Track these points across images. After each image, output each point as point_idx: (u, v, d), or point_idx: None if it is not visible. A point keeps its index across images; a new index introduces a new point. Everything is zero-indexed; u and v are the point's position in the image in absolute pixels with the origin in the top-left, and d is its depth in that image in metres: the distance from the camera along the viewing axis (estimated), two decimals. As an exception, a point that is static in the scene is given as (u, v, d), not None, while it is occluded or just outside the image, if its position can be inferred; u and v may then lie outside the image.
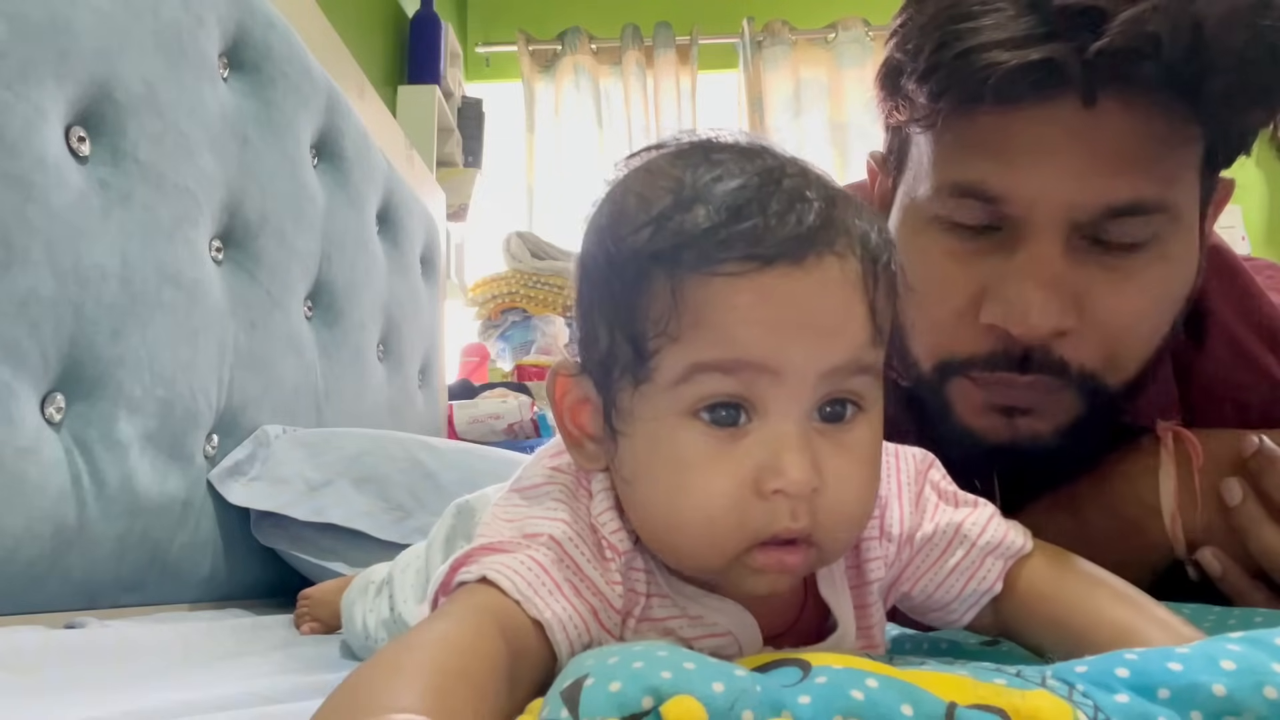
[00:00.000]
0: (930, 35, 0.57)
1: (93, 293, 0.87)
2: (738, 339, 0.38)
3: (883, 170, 0.72)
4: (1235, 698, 0.30)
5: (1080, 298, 0.59)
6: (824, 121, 3.24)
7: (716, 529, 0.39)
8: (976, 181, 0.59)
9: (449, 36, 2.94)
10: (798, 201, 0.39)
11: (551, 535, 0.41)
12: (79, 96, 0.88)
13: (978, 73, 0.54)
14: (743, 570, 0.40)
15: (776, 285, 0.38)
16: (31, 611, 0.82)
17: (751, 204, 0.38)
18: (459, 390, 2.31)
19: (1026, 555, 0.48)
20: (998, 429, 0.64)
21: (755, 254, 0.37)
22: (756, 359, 0.38)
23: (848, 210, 0.40)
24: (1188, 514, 0.64)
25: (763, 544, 0.39)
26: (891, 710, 0.30)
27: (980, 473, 0.66)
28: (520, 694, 0.36)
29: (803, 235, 0.38)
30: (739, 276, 0.38)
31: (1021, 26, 0.53)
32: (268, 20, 1.25)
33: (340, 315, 1.46)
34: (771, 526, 0.39)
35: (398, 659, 0.32)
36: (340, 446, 1.18)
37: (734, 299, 0.38)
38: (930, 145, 0.62)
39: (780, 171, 0.40)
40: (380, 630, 0.78)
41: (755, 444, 0.39)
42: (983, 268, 0.61)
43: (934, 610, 0.49)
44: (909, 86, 0.59)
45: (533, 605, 0.38)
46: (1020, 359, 0.61)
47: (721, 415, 0.39)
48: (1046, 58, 0.53)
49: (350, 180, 1.51)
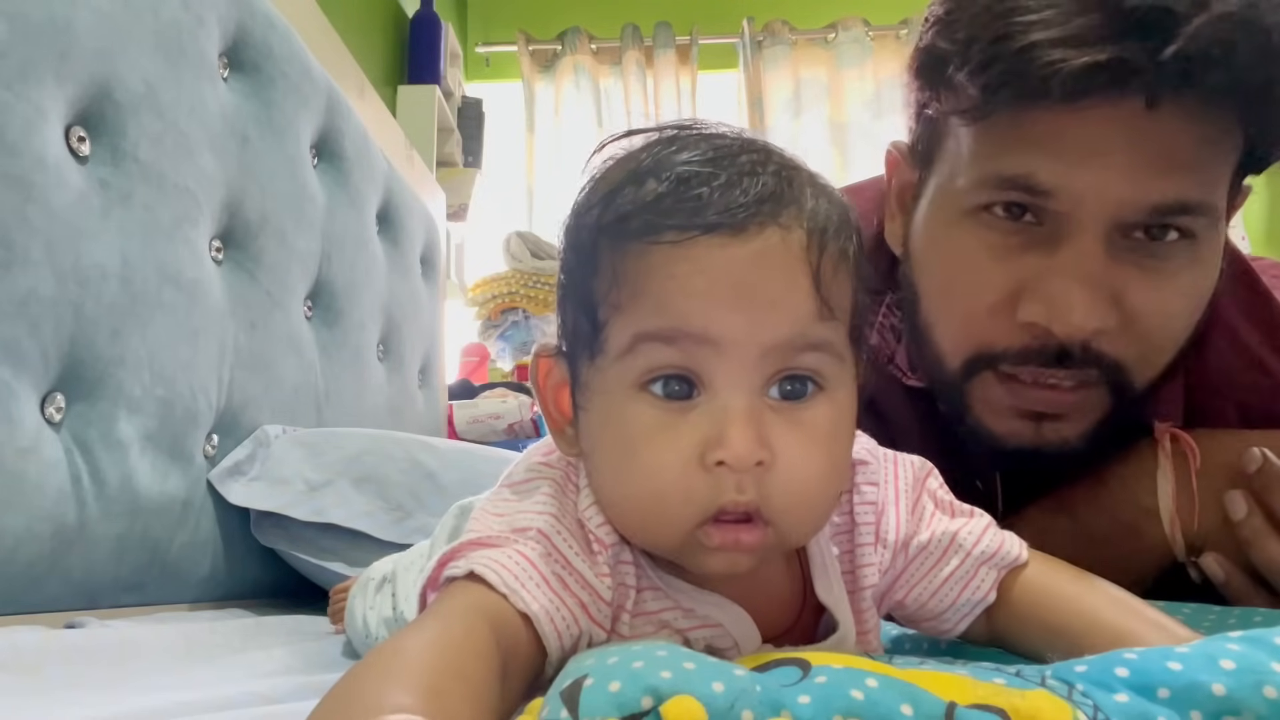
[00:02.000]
0: (986, 27, 0.56)
1: (93, 293, 0.87)
2: (675, 308, 0.38)
3: (908, 161, 0.71)
4: (1235, 697, 0.30)
5: (1118, 297, 0.59)
6: (824, 121, 3.24)
7: (665, 502, 0.39)
8: (1026, 175, 0.59)
9: (449, 36, 2.94)
10: (747, 175, 0.39)
11: (539, 529, 0.41)
12: (79, 96, 0.88)
13: (1041, 69, 0.53)
14: (698, 548, 0.40)
15: (714, 254, 0.38)
16: (31, 611, 0.82)
17: (699, 176, 0.38)
18: (459, 390, 2.31)
19: (1021, 565, 0.48)
20: (1021, 433, 0.64)
21: (694, 223, 0.38)
22: (695, 329, 0.38)
23: (805, 188, 0.40)
24: (1186, 516, 0.64)
25: (716, 521, 0.39)
26: (891, 710, 0.30)
27: (984, 473, 0.66)
28: (512, 689, 0.36)
29: (745, 205, 0.38)
30: (676, 245, 0.38)
31: (1086, 24, 0.53)
32: (268, 20, 1.25)
33: (340, 315, 1.46)
34: (718, 499, 0.38)
35: (391, 660, 0.32)
36: (340, 446, 1.18)
37: (672, 268, 0.38)
38: (972, 137, 0.61)
39: (739, 149, 0.40)
40: (381, 629, 0.78)
41: (702, 417, 0.38)
42: (1021, 264, 0.60)
43: (927, 620, 0.49)
44: (958, 78, 0.58)
45: (520, 599, 0.38)
46: (1058, 355, 0.60)
47: (673, 389, 0.39)
48: (1117, 58, 0.52)
49: (350, 180, 1.51)
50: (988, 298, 0.61)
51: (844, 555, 0.47)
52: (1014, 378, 0.62)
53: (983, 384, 0.64)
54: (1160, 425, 0.67)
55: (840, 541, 0.47)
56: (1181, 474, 0.65)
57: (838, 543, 0.47)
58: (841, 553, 0.47)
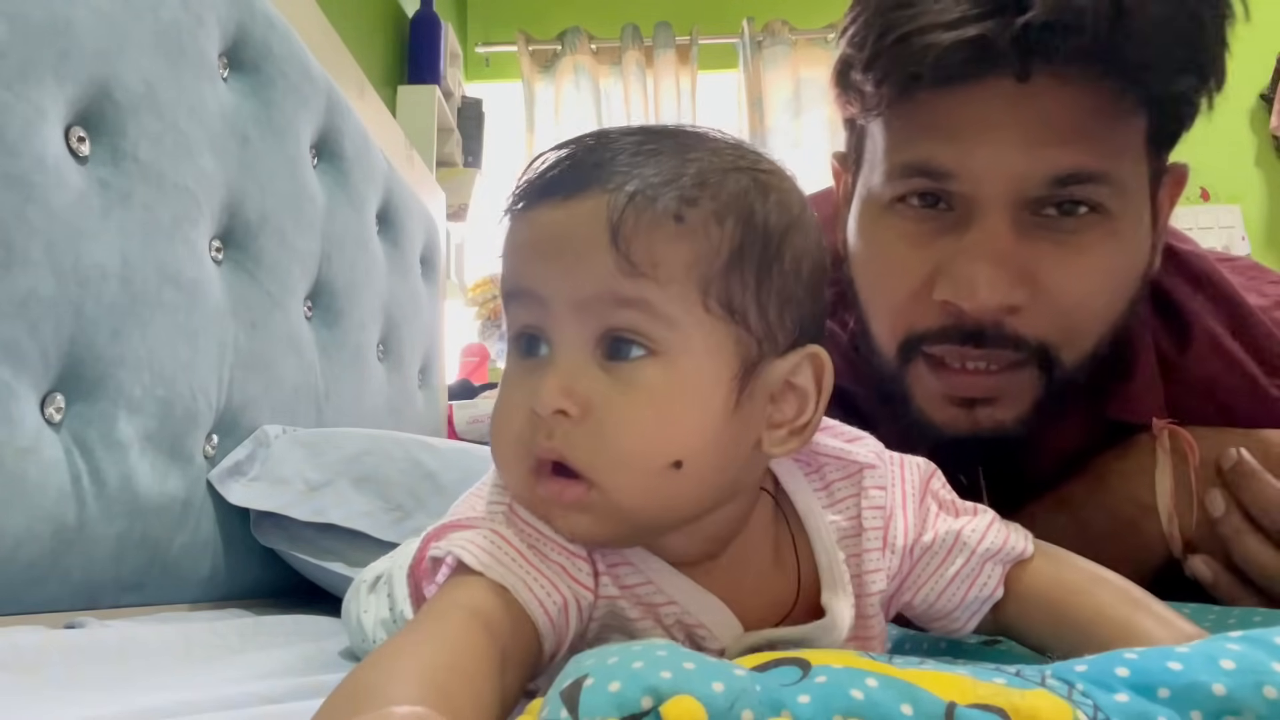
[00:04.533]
0: (874, 25, 0.59)
1: (93, 293, 0.87)
2: (510, 267, 0.42)
3: (845, 168, 0.73)
4: (1235, 697, 0.30)
5: (1031, 273, 0.60)
6: (824, 121, 3.24)
7: (506, 455, 0.42)
8: (925, 160, 0.61)
9: (449, 36, 2.94)
10: (596, 150, 0.42)
11: (509, 504, 0.42)
12: (79, 96, 0.88)
13: (915, 54, 0.56)
14: (539, 503, 0.41)
15: (538, 218, 0.41)
16: (31, 611, 0.82)
17: (558, 156, 0.42)
18: (459, 390, 2.32)
19: (1027, 559, 0.48)
20: (957, 420, 0.65)
21: (528, 193, 0.42)
22: (523, 286, 0.41)
23: (663, 156, 0.41)
24: (1184, 513, 0.64)
25: (543, 475, 0.40)
26: (891, 709, 0.30)
27: (964, 469, 0.66)
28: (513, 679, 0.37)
29: (573, 175, 0.41)
30: (515, 213, 0.42)
31: (958, 9, 0.55)
32: (268, 20, 1.25)
33: (340, 315, 1.46)
34: (531, 449, 0.40)
35: (391, 658, 0.33)
36: (340, 446, 1.18)
37: (512, 235, 0.42)
38: (881, 133, 0.64)
39: (619, 131, 0.43)
40: (379, 629, 0.78)
41: (541, 370, 0.41)
42: (935, 248, 0.62)
43: (937, 619, 0.49)
44: (856, 77, 0.61)
45: (495, 573, 0.39)
46: (973, 334, 0.62)
47: (526, 347, 0.42)
48: (978, 34, 0.55)
49: (350, 180, 1.51)
50: (909, 284, 0.63)
51: (850, 559, 0.46)
52: (942, 363, 0.64)
53: (916, 371, 0.65)
54: (1158, 421, 0.67)
55: (846, 546, 0.47)
56: (1180, 470, 0.65)
57: (844, 547, 0.47)
58: (848, 557, 0.47)
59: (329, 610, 1.04)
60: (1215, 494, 0.63)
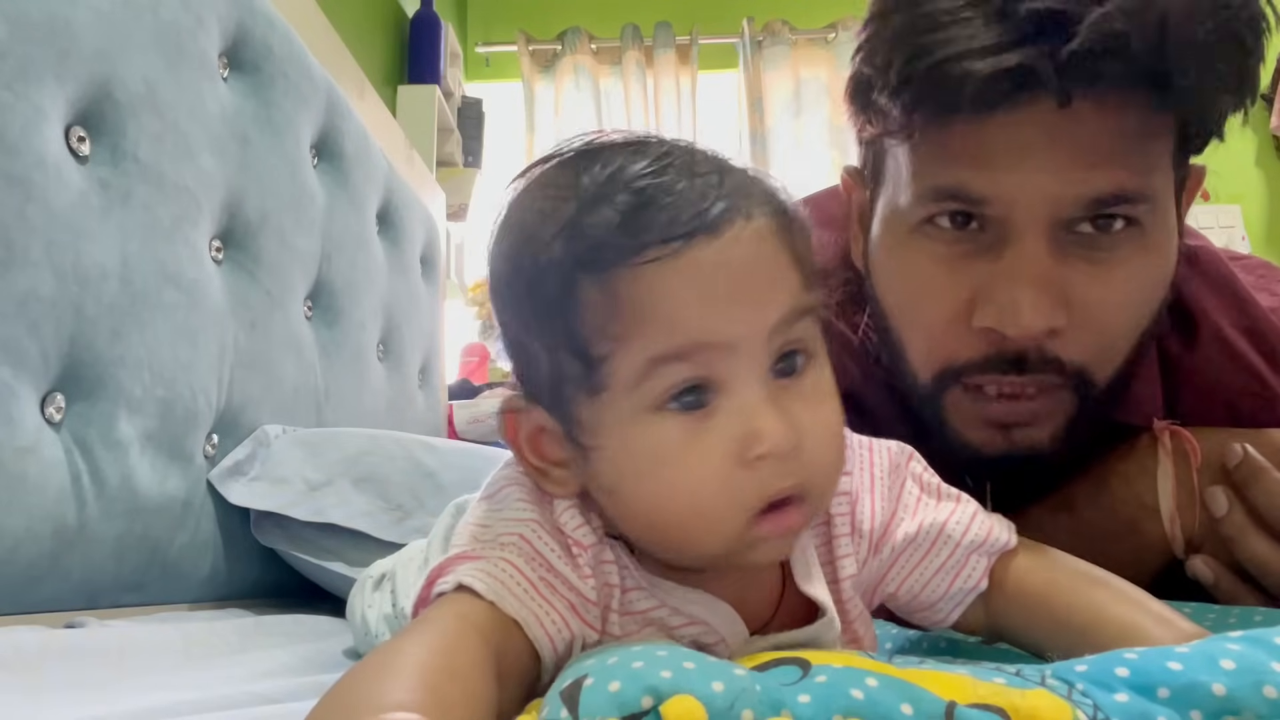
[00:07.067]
0: (900, 48, 0.58)
1: (93, 293, 0.87)
2: (683, 322, 0.38)
3: (859, 184, 0.73)
4: (1235, 697, 0.30)
5: (1068, 293, 0.60)
6: (824, 121, 3.24)
7: (712, 512, 0.39)
8: (958, 186, 0.60)
9: (449, 36, 2.94)
10: (695, 177, 0.39)
11: (521, 535, 0.41)
12: (79, 96, 0.88)
13: (953, 82, 0.55)
14: (746, 545, 0.40)
15: (701, 259, 0.38)
16: (31, 611, 0.82)
17: (653, 188, 0.39)
18: (459, 390, 2.31)
19: (1011, 551, 0.48)
20: (994, 441, 0.64)
21: (672, 235, 0.38)
22: (709, 338, 0.38)
23: (741, 174, 0.41)
24: (1186, 514, 0.64)
25: (764, 512, 0.39)
26: (891, 709, 0.30)
27: (973, 475, 0.66)
28: (507, 692, 0.37)
29: (710, 206, 0.39)
30: (663, 261, 0.38)
31: (991, 35, 0.54)
32: (268, 20, 1.25)
33: (340, 315, 1.46)
34: (764, 493, 0.39)
35: (388, 660, 0.33)
36: (340, 446, 1.18)
37: (666, 284, 0.38)
38: (906, 155, 0.63)
39: (669, 154, 0.41)
40: (381, 626, 0.78)
41: (726, 418, 0.39)
42: (970, 272, 0.61)
43: (920, 610, 0.49)
44: (881, 100, 0.60)
45: (507, 604, 0.38)
46: (1015, 360, 0.61)
47: (689, 400, 0.39)
48: (1020, 64, 0.54)
49: (350, 180, 1.51)
50: (944, 309, 0.63)
51: (821, 547, 0.47)
52: (980, 390, 0.63)
53: (953, 397, 0.65)
54: (1160, 422, 0.67)
55: (816, 533, 0.47)
56: (1182, 471, 0.65)
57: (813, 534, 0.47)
58: (819, 544, 0.47)
59: (329, 610, 1.05)
60: (1218, 492, 0.63)
